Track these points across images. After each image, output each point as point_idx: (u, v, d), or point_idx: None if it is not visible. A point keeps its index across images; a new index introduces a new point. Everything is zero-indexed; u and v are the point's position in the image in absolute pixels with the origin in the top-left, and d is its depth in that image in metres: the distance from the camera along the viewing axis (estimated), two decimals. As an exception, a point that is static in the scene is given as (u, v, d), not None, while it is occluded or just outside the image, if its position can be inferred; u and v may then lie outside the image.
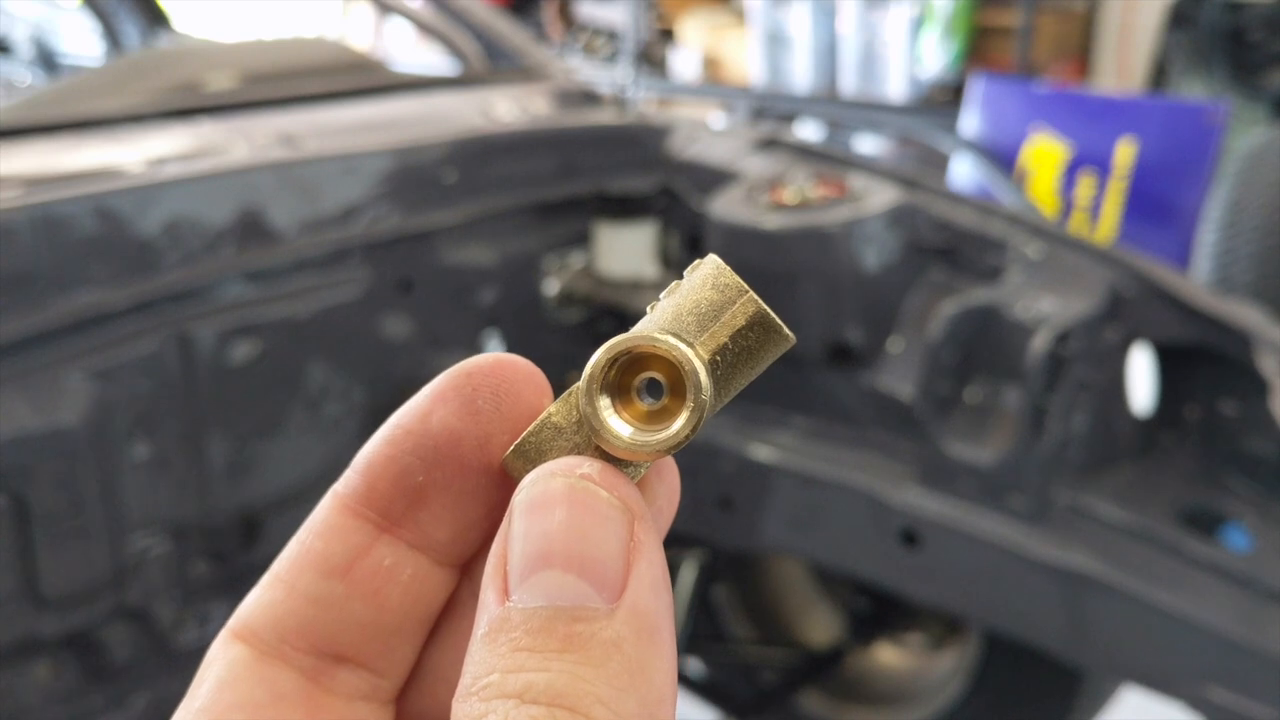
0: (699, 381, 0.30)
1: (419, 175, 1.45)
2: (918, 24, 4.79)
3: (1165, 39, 4.16)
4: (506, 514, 0.29)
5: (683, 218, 1.64)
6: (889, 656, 1.89)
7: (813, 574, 1.91)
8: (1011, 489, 1.32)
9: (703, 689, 1.89)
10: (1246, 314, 1.36)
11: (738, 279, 0.31)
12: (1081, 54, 4.66)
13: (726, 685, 1.94)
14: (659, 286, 1.62)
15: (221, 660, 0.32)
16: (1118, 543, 1.30)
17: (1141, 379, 1.49)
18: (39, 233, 1.13)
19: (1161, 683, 1.27)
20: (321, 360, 1.36)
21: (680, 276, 0.32)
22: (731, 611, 1.93)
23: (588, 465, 0.29)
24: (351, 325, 1.39)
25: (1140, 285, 1.40)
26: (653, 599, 0.27)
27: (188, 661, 1.31)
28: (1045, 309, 1.32)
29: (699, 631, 1.89)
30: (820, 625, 1.92)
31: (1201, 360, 1.40)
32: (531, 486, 0.29)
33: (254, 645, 0.32)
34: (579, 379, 0.31)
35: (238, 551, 1.32)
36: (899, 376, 1.42)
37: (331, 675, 0.32)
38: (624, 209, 1.62)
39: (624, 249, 1.62)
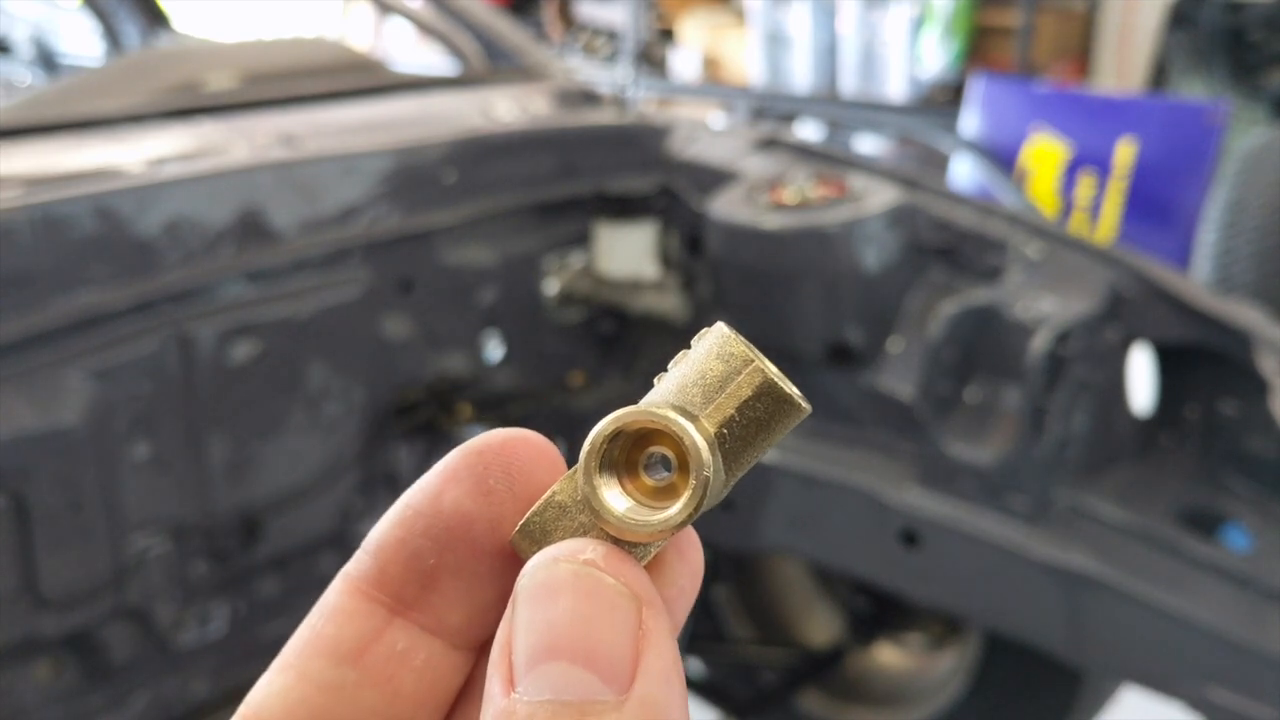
0: (701, 458, 0.28)
1: (419, 175, 1.45)
2: (918, 24, 4.79)
3: (1165, 39, 4.16)
4: (510, 600, 0.28)
5: (683, 218, 1.64)
6: (889, 656, 1.89)
7: (813, 574, 1.91)
8: (1011, 489, 1.32)
9: (703, 689, 1.89)
10: (1246, 314, 1.36)
11: (744, 347, 0.30)
12: (1081, 54, 4.65)
13: (726, 685, 1.94)
14: (659, 286, 1.62)
15: None
16: (1117, 543, 1.30)
17: (1141, 379, 1.49)
18: (39, 233, 1.13)
19: (1161, 683, 1.27)
20: (321, 360, 1.36)
21: (688, 346, 0.31)
22: (731, 611, 1.93)
23: (592, 549, 0.28)
24: (351, 325, 1.39)
25: (1140, 285, 1.40)
26: (663, 690, 0.27)
27: (188, 661, 1.31)
28: (1045, 309, 1.32)
29: (699, 631, 1.89)
30: (820, 625, 1.92)
31: (1201, 360, 1.40)
32: (535, 572, 0.28)
33: None
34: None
35: (238, 551, 1.32)
36: (899, 376, 1.42)
37: None
38: (624, 209, 1.62)
39: (624, 249, 1.62)
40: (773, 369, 0.30)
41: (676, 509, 0.29)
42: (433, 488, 0.31)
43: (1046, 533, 1.31)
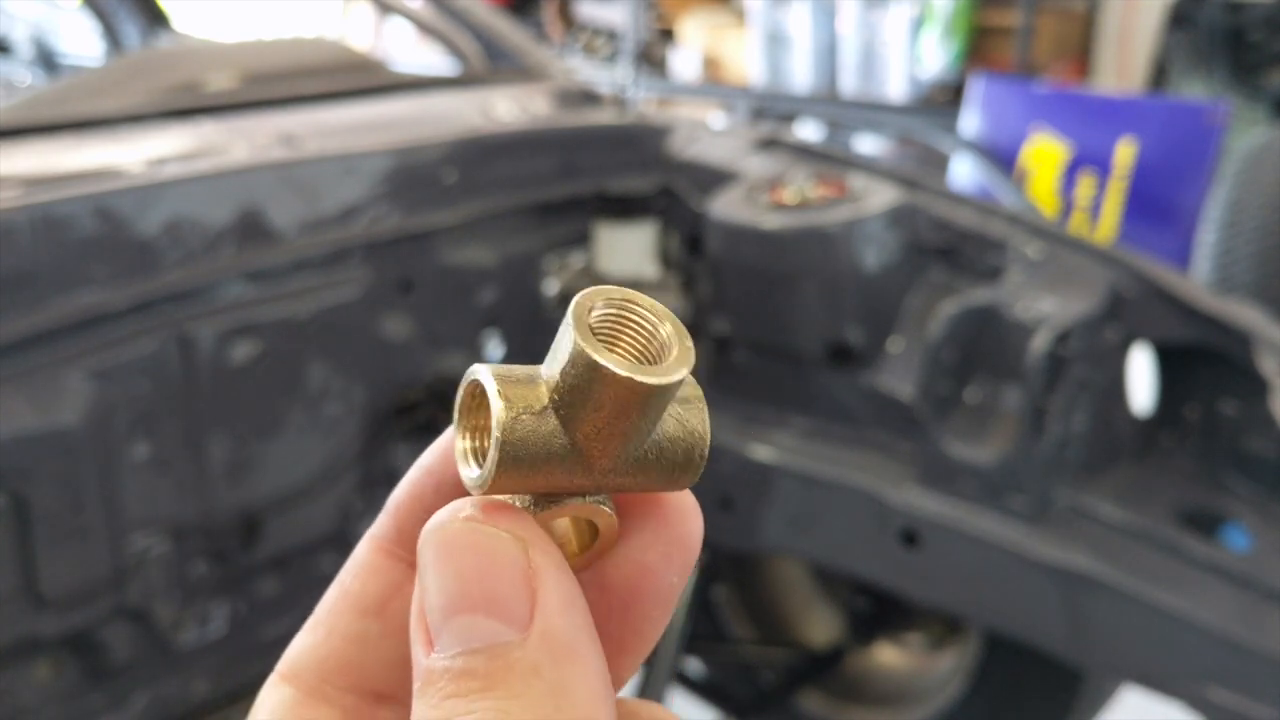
0: (499, 416, 0.29)
1: (419, 175, 1.45)
2: (918, 24, 4.79)
3: (1165, 39, 4.16)
4: (418, 570, 0.30)
5: (683, 218, 1.64)
6: (889, 656, 1.89)
7: (813, 574, 1.91)
8: (1011, 489, 1.32)
9: (703, 689, 1.89)
10: (1246, 314, 1.36)
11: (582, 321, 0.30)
12: (1081, 54, 4.66)
13: (726, 685, 1.94)
14: (659, 286, 1.62)
15: (267, 704, 0.33)
16: (1117, 543, 1.30)
17: (1141, 379, 1.49)
18: (39, 233, 1.13)
19: (1161, 683, 1.27)
20: (321, 360, 1.36)
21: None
22: (731, 611, 1.93)
23: (470, 506, 0.29)
24: (351, 325, 1.39)
25: (1140, 285, 1.40)
26: (562, 620, 0.28)
27: (188, 661, 1.31)
28: (1045, 309, 1.32)
29: (699, 631, 1.89)
30: (820, 625, 1.92)
31: (1201, 360, 1.40)
32: (426, 538, 0.29)
33: (298, 687, 0.32)
34: None
35: (238, 551, 1.32)
36: (899, 376, 1.42)
37: (372, 714, 0.32)
38: (624, 209, 1.62)
39: (624, 249, 1.62)
40: (591, 342, 0.29)
41: (480, 469, 0.29)
42: (443, 447, 0.33)
43: (1046, 533, 1.31)
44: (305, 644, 0.33)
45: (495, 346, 1.58)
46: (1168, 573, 1.26)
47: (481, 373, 0.30)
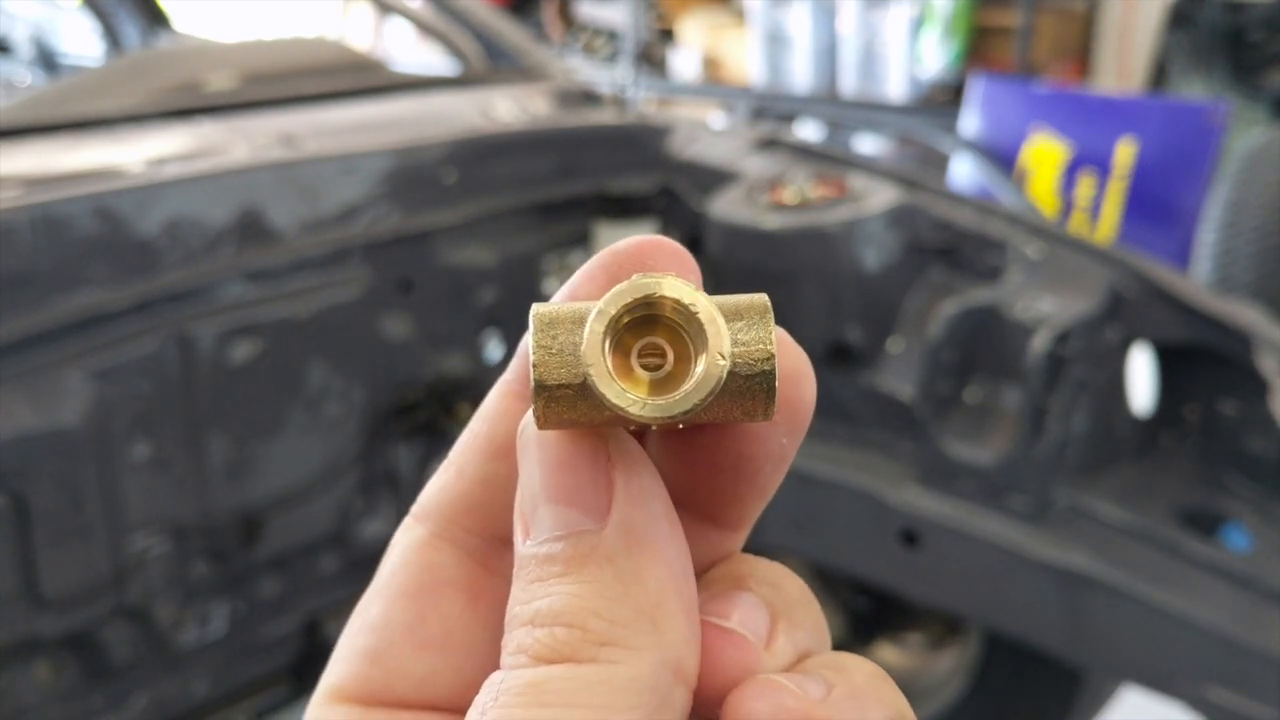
0: (721, 334, 0.28)
1: (419, 175, 1.45)
2: (918, 24, 4.79)
3: (1165, 39, 4.16)
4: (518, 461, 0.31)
5: (683, 218, 1.64)
6: (889, 656, 1.89)
7: (813, 574, 1.91)
8: (1011, 489, 1.32)
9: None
10: (1246, 314, 1.36)
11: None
12: (1081, 54, 4.66)
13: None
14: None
15: (399, 546, 0.34)
16: (1117, 543, 1.30)
17: (1141, 379, 1.49)
18: (39, 233, 1.13)
19: (1161, 683, 1.27)
20: (321, 360, 1.36)
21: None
22: (731, 611, 1.93)
23: None
24: (351, 325, 1.39)
25: (1140, 285, 1.40)
26: (639, 511, 0.29)
27: (188, 661, 1.31)
28: (1045, 309, 1.32)
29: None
30: (820, 625, 1.92)
31: (1201, 360, 1.40)
32: (521, 431, 0.31)
33: (429, 527, 0.34)
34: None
35: (238, 551, 1.32)
36: (899, 376, 1.42)
37: (499, 557, 0.33)
38: (624, 209, 1.62)
39: (624, 249, 1.62)
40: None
41: (685, 390, 0.28)
42: (571, 291, 0.32)
43: (1046, 533, 1.31)
44: (438, 485, 0.34)
45: (495, 346, 1.58)
46: (1168, 573, 1.26)
47: (704, 304, 0.28)
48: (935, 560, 1.36)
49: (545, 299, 0.36)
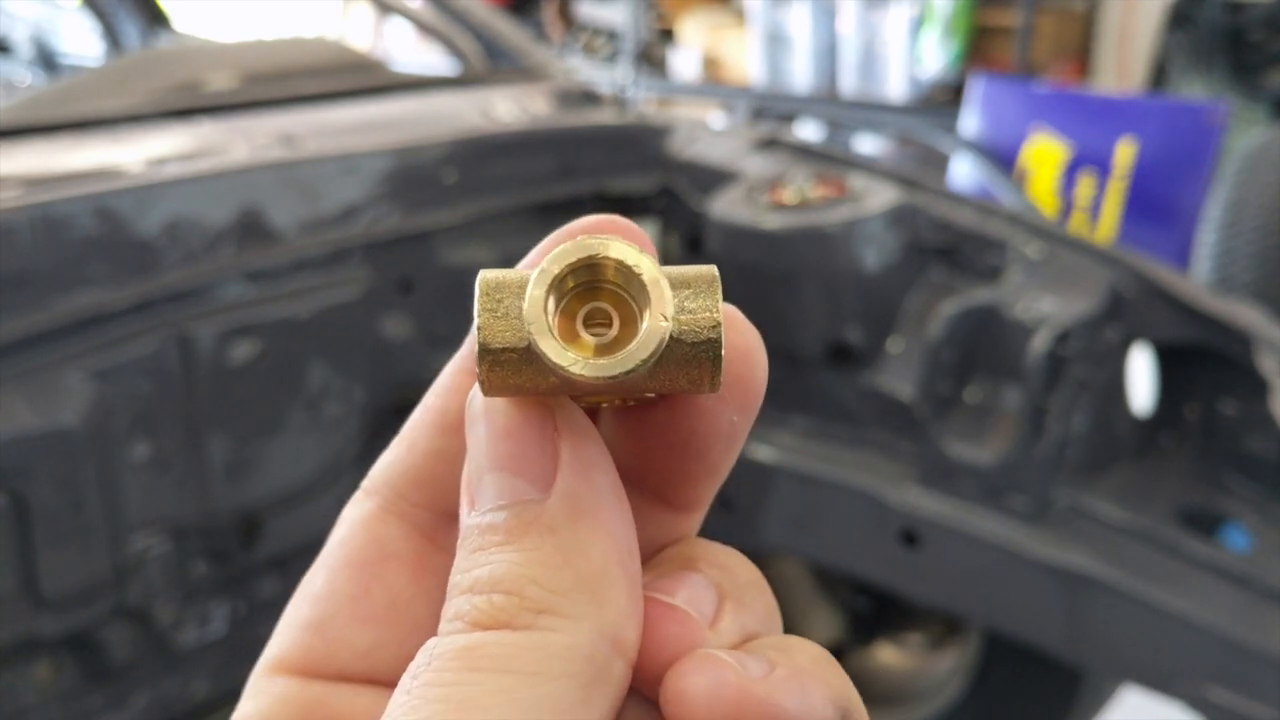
0: (663, 294, 0.27)
1: (419, 175, 1.45)
2: (918, 24, 4.79)
3: (1165, 39, 4.16)
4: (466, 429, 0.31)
5: (683, 218, 1.64)
6: (889, 656, 1.89)
7: (813, 574, 1.91)
8: (1011, 489, 1.32)
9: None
10: (1246, 314, 1.36)
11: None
12: (1081, 54, 4.66)
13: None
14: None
15: (347, 518, 0.34)
16: (1117, 543, 1.30)
17: (1141, 379, 1.49)
18: (39, 233, 1.13)
19: (1161, 683, 1.27)
20: (321, 360, 1.36)
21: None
22: (731, 611, 1.93)
23: None
24: (351, 325, 1.39)
25: (1140, 285, 1.40)
26: (581, 481, 0.29)
27: (188, 661, 1.31)
28: (1045, 309, 1.32)
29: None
30: (820, 625, 1.92)
31: (1201, 360, 1.40)
32: (469, 399, 0.30)
33: (378, 501, 0.34)
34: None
35: (238, 551, 1.32)
36: (899, 376, 1.42)
37: (447, 532, 0.33)
38: (624, 209, 1.62)
39: (624, 249, 1.62)
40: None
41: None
42: (527, 265, 0.32)
43: (1046, 533, 1.31)
44: (389, 459, 0.34)
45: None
46: (1168, 573, 1.26)
47: (648, 265, 0.28)
48: (935, 560, 1.36)
49: None
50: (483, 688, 0.26)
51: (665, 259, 1.66)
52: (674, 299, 0.28)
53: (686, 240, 1.65)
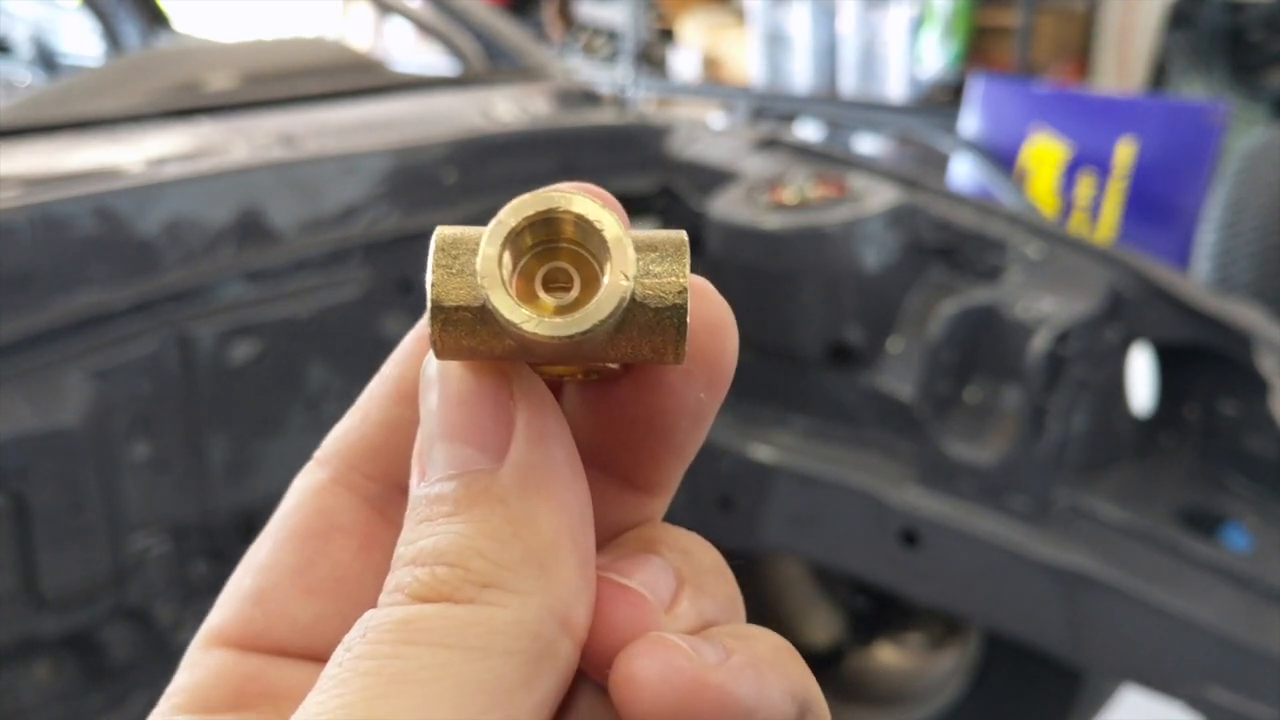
0: (626, 254, 0.26)
1: (419, 175, 1.45)
2: (918, 24, 4.80)
3: (1165, 39, 4.16)
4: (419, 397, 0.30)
5: (683, 218, 1.64)
6: (889, 656, 1.89)
7: (813, 574, 1.91)
8: (1011, 489, 1.32)
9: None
10: (1246, 314, 1.36)
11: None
12: (1081, 54, 4.66)
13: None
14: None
15: (295, 489, 0.33)
16: (1117, 543, 1.30)
17: (1141, 379, 1.49)
18: (39, 233, 1.13)
19: (1161, 683, 1.27)
20: (321, 360, 1.36)
21: None
22: (731, 611, 1.93)
23: None
24: (351, 325, 1.39)
25: (1140, 285, 1.40)
26: (535, 452, 0.28)
27: (188, 661, 1.31)
28: (1045, 309, 1.32)
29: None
30: (820, 625, 1.92)
31: (1201, 360, 1.40)
32: (423, 366, 0.29)
33: (329, 472, 0.33)
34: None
35: (238, 552, 1.32)
36: (899, 376, 1.42)
37: (398, 506, 0.31)
38: (623, 208, 1.62)
39: (624, 249, 1.62)
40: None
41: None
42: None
43: (1046, 533, 1.31)
44: (342, 429, 0.33)
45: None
46: (1168, 573, 1.26)
47: (611, 222, 0.26)
48: (935, 560, 1.36)
49: None
50: (418, 662, 0.25)
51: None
52: (639, 261, 0.27)
53: (686, 240, 1.65)
